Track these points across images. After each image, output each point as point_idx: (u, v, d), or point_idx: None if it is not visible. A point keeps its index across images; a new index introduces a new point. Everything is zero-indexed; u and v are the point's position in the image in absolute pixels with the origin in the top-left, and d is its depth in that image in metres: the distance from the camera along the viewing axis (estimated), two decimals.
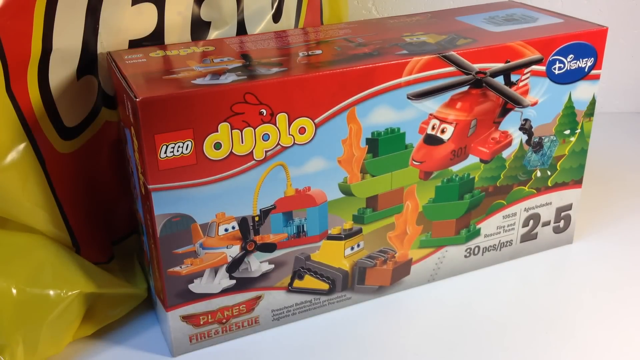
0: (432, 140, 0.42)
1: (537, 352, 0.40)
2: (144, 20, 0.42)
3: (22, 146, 0.37)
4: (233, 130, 0.35)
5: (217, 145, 0.35)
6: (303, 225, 0.40)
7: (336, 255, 0.42)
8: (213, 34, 0.45)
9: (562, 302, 0.45)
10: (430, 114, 0.41)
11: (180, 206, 0.36)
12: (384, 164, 0.41)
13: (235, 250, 0.39)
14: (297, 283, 0.42)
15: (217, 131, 0.35)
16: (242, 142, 0.36)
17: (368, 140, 0.39)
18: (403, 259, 0.45)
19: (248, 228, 0.38)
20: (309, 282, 0.42)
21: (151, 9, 0.41)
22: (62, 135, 0.40)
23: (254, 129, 0.36)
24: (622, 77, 0.70)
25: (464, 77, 0.41)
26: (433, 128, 0.41)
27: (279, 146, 0.37)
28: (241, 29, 0.46)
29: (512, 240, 0.48)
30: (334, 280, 0.43)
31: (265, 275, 0.40)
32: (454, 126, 0.42)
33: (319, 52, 0.40)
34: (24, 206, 0.38)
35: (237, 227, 0.38)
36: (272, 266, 0.40)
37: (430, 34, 0.43)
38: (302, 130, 0.37)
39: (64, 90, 0.39)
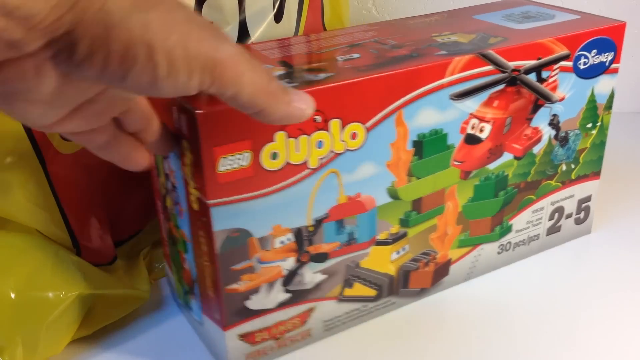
0: (471, 140, 0.42)
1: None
2: None
3: (22, 146, 0.37)
4: (289, 139, 0.35)
5: (274, 155, 0.35)
6: (354, 232, 0.39)
7: (383, 261, 0.42)
8: None
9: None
10: (471, 114, 0.41)
11: (239, 221, 0.35)
12: (428, 165, 0.41)
13: (290, 263, 0.38)
14: (347, 291, 0.41)
15: (274, 140, 0.34)
16: (298, 151, 0.35)
17: (414, 143, 0.39)
18: (443, 260, 0.45)
19: (303, 239, 0.38)
20: (358, 289, 0.41)
21: None
22: (63, 135, 0.39)
23: (309, 137, 0.35)
24: (622, 77, 0.72)
25: (500, 76, 0.41)
26: (473, 127, 0.41)
27: (332, 153, 0.36)
28: (242, 30, 0.47)
29: (539, 234, 0.49)
30: (381, 286, 0.42)
31: (318, 286, 0.40)
32: (491, 124, 0.42)
33: (356, 55, 0.40)
34: (25, 207, 0.38)
35: (292, 239, 0.37)
36: (325, 276, 0.40)
37: (458, 34, 0.43)
38: (354, 136, 0.37)
39: None
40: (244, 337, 0.38)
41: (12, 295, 0.37)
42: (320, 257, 0.39)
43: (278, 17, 0.49)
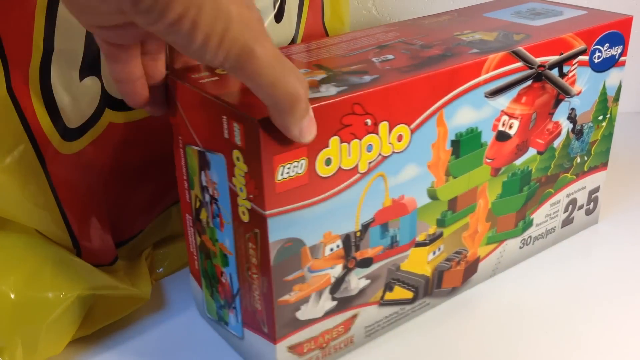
0: (502, 137, 0.42)
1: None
2: None
3: (22, 147, 0.37)
4: (342, 144, 0.34)
5: (328, 161, 0.34)
6: (396, 235, 0.39)
7: (421, 262, 0.41)
8: None
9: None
10: (502, 111, 0.41)
11: (293, 230, 0.34)
12: (464, 164, 0.41)
13: (337, 270, 0.37)
14: (388, 295, 0.40)
15: (328, 146, 0.33)
16: (349, 156, 0.34)
17: (452, 142, 0.39)
18: (473, 258, 0.45)
19: (351, 245, 0.37)
20: (398, 292, 0.41)
21: None
22: (64, 136, 0.39)
23: (360, 141, 0.34)
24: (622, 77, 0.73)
25: (529, 72, 0.41)
26: (503, 124, 0.42)
27: (380, 156, 0.36)
28: None
29: (555, 227, 0.50)
30: (418, 288, 0.42)
31: (361, 292, 0.39)
32: (519, 120, 0.42)
33: (390, 56, 0.39)
34: (25, 207, 0.38)
35: (341, 246, 0.36)
36: (369, 281, 0.39)
37: (480, 32, 0.43)
38: (399, 138, 0.36)
39: (66, 91, 0.38)
40: (292, 349, 0.37)
41: (12, 296, 0.37)
42: (366, 262, 0.38)
43: (278, 17, 0.48)
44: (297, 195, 0.33)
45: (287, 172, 0.32)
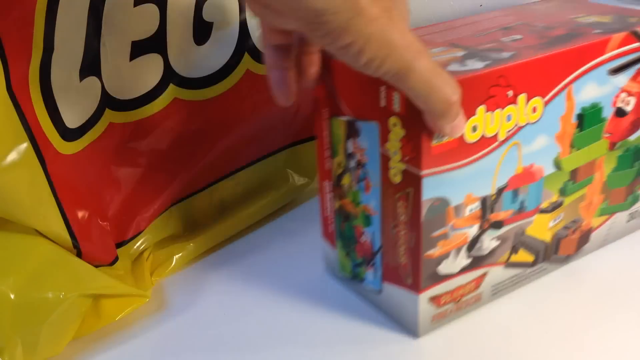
0: (620, 113, 0.45)
1: None
2: (146, 22, 0.42)
3: (23, 147, 0.37)
4: (487, 113, 0.37)
5: (474, 129, 0.37)
6: (524, 201, 0.42)
7: (543, 228, 0.45)
8: (215, 35, 0.47)
9: None
10: (621, 88, 0.44)
11: (441, 190, 0.38)
12: (586, 137, 0.44)
13: (474, 230, 0.41)
14: (513, 257, 0.44)
15: (475, 114, 0.37)
16: (492, 124, 0.38)
17: (578, 116, 0.42)
18: (586, 228, 0.48)
19: (487, 207, 0.40)
20: (522, 255, 0.44)
21: (153, 10, 0.42)
22: (64, 136, 0.40)
23: (502, 110, 0.38)
24: None
25: None
26: (622, 101, 0.45)
27: (516, 126, 0.39)
28: (243, 29, 0.48)
29: None
30: (538, 252, 0.45)
31: (492, 252, 0.42)
32: (636, 98, 0.45)
33: (518, 36, 0.42)
34: (25, 207, 0.38)
35: (479, 207, 0.40)
36: (499, 242, 0.42)
37: (594, 15, 0.46)
38: (534, 110, 0.40)
39: (66, 91, 0.39)
40: (432, 300, 0.41)
41: (12, 296, 0.37)
42: (498, 224, 0.42)
43: None
44: (447, 158, 0.37)
45: (439, 138, 0.36)
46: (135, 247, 0.48)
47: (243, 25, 0.47)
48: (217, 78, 0.48)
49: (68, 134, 0.40)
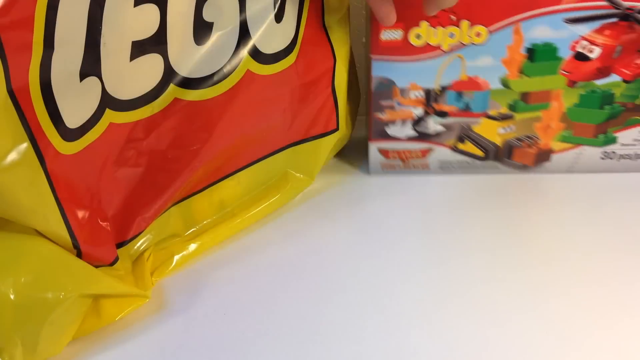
0: (580, 57, 0.55)
1: None
2: (146, 21, 0.43)
3: (22, 147, 0.37)
4: (430, 28, 0.54)
5: (418, 36, 0.54)
6: (469, 103, 0.57)
7: (492, 132, 0.59)
8: (215, 35, 0.47)
9: None
10: (581, 36, 0.54)
11: (388, 73, 0.56)
12: (538, 68, 0.56)
13: (419, 111, 0.58)
14: (460, 145, 0.59)
15: (419, 26, 0.54)
16: (435, 37, 0.54)
17: (527, 49, 0.55)
18: (545, 147, 0.60)
19: (430, 97, 0.57)
20: (469, 147, 0.60)
21: (153, 10, 0.43)
22: (65, 136, 0.40)
23: (444, 28, 0.54)
24: None
25: (613, 11, 0.53)
26: (583, 48, 0.55)
27: (460, 43, 0.55)
28: (243, 29, 0.48)
29: None
30: (488, 150, 0.60)
31: (437, 134, 0.59)
32: (601, 48, 0.55)
33: None
34: (24, 208, 0.38)
35: (423, 95, 0.57)
36: (444, 128, 0.59)
37: None
38: (478, 34, 0.54)
39: (66, 91, 0.39)
40: (381, 151, 0.60)
41: (12, 296, 0.37)
42: (442, 114, 0.58)
43: (278, 17, 0.50)
44: (394, 51, 0.55)
45: (387, 36, 0.54)
46: (135, 247, 0.48)
47: (243, 25, 0.48)
48: (217, 78, 0.48)
49: (68, 134, 0.40)
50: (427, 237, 0.53)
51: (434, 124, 0.59)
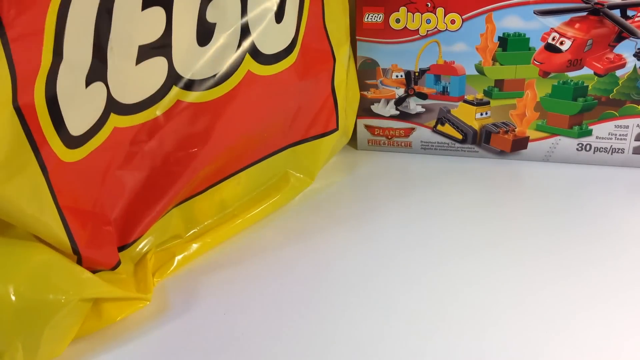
0: (551, 48, 0.59)
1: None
2: (153, 25, 0.43)
3: (25, 157, 0.37)
4: (408, 13, 0.60)
5: (397, 20, 0.60)
6: (447, 87, 0.62)
7: (469, 116, 0.63)
8: (217, 36, 0.47)
9: None
10: (552, 28, 0.58)
11: (372, 54, 0.62)
12: (511, 57, 0.60)
13: (401, 92, 0.63)
14: (440, 127, 0.64)
15: (398, 11, 0.60)
16: (413, 22, 0.60)
17: (500, 38, 0.59)
18: (522, 135, 0.63)
19: (410, 79, 0.63)
20: (448, 129, 0.64)
21: (160, 13, 0.43)
22: (68, 144, 0.40)
23: (422, 14, 0.59)
24: None
25: (583, 5, 0.56)
26: (553, 39, 0.58)
27: (436, 29, 0.60)
28: (245, 30, 0.49)
29: (624, 149, 0.61)
30: (466, 134, 0.64)
31: (418, 115, 0.64)
32: (571, 41, 0.58)
33: None
34: (26, 217, 0.38)
35: (403, 76, 0.63)
36: (424, 110, 0.64)
37: None
38: (452, 22, 0.59)
39: (71, 98, 0.39)
40: (367, 128, 0.66)
41: (13, 299, 0.37)
42: (422, 95, 0.63)
43: (278, 17, 0.50)
44: (376, 34, 0.61)
45: (371, 19, 0.60)
46: (137, 249, 0.49)
47: (244, 26, 0.48)
48: (218, 79, 0.48)
49: (72, 142, 0.40)
50: (428, 238, 0.53)
51: (414, 105, 0.64)
